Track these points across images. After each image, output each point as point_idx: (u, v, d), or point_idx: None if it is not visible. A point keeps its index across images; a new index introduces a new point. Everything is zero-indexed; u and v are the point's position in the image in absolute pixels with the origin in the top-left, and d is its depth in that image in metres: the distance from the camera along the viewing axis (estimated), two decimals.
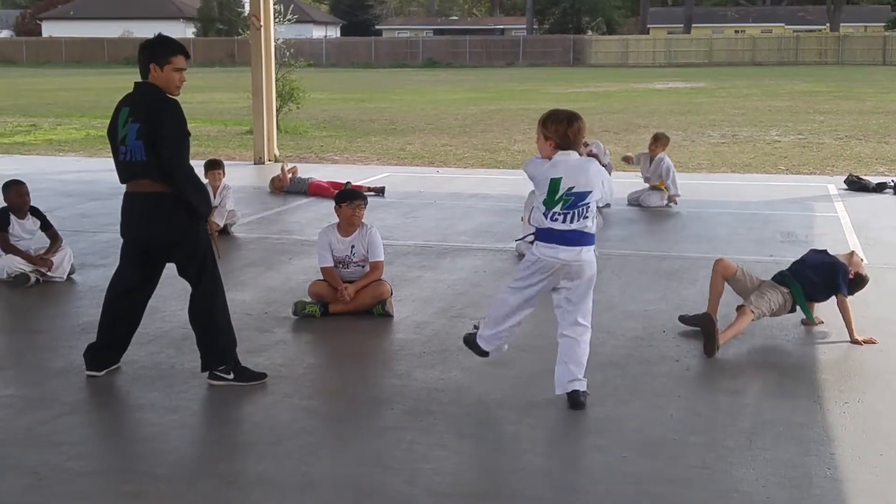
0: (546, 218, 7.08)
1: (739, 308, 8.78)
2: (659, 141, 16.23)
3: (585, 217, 7.11)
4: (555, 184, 6.98)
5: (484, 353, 7.71)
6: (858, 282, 9.21)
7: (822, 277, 8.97)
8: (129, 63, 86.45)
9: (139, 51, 7.54)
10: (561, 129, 7.00)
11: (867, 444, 6.55)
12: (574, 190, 7.00)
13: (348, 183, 16.71)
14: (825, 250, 9.47)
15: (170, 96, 7.43)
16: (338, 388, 7.79)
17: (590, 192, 7.05)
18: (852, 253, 9.51)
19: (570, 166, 7.01)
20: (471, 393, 7.57)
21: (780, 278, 8.99)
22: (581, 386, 7.27)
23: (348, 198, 9.83)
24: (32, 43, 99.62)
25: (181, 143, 7.34)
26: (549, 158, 7.05)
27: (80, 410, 7.21)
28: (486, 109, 37.61)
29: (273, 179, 17.72)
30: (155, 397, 7.47)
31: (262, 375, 7.79)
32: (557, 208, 7.03)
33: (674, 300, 10.19)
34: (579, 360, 7.31)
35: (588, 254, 7.29)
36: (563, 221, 7.06)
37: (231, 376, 7.67)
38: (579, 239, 7.16)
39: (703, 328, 8.47)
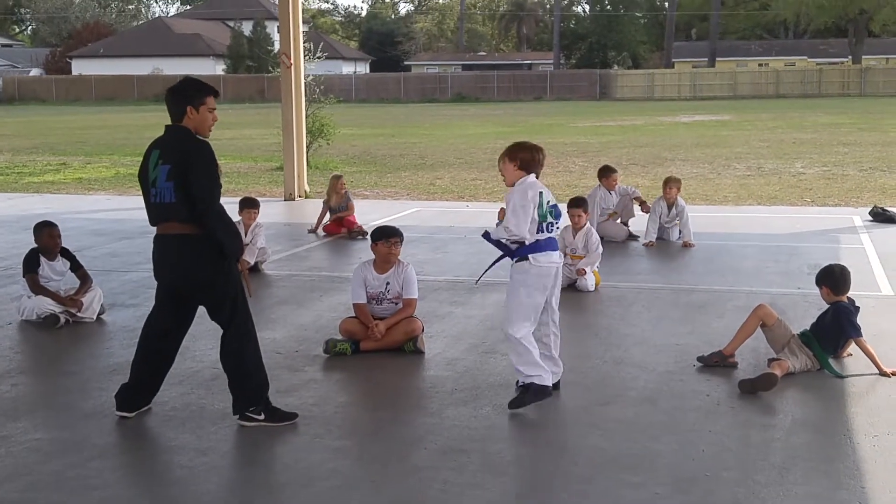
0: (542, 230, 7.84)
1: (775, 361, 8.75)
2: (674, 184, 16.05)
3: (558, 226, 8.08)
4: (541, 197, 7.81)
5: (549, 390, 7.95)
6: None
7: (832, 327, 8.98)
8: (159, 100, 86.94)
9: (170, 94, 7.61)
10: (527, 156, 7.89)
11: None
12: (552, 203, 7.91)
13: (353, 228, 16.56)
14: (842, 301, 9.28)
15: (200, 138, 7.51)
16: (369, 427, 7.81)
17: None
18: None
19: (540, 185, 7.91)
20: (503, 430, 7.58)
21: (805, 339, 8.97)
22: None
23: (384, 235, 9.82)
24: (62, 81, 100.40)
25: (213, 184, 7.41)
26: (512, 184, 7.91)
27: (110, 453, 7.22)
28: None
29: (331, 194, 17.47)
30: (185, 439, 7.50)
31: (293, 416, 7.80)
32: (550, 217, 7.87)
33: (703, 333, 10.19)
34: (558, 346, 8.27)
35: None
36: (551, 231, 7.91)
37: (262, 417, 7.68)
38: (557, 244, 8.08)
39: (763, 389, 8.37)
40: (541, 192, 7.79)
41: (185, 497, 6.52)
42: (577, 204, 12.94)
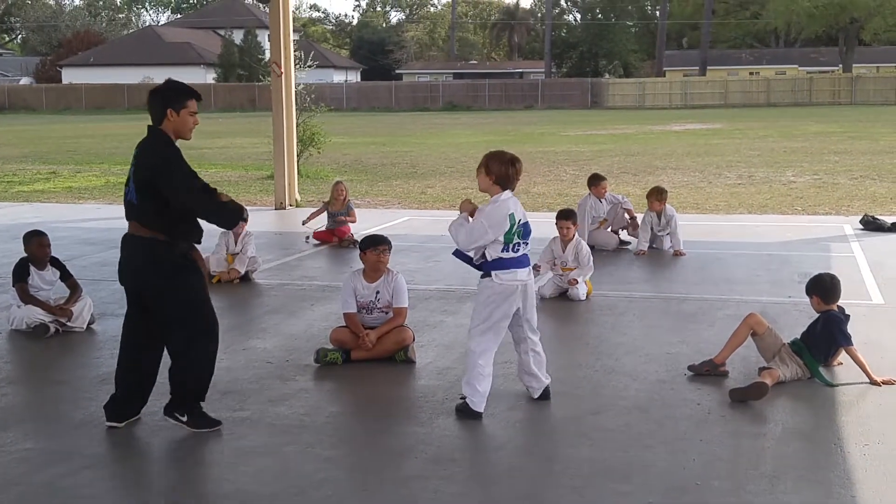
0: (508, 250, 7.87)
1: (765, 370, 8.75)
2: (656, 196, 15.90)
3: (527, 243, 8.02)
4: (512, 218, 7.82)
5: (479, 415, 7.98)
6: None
7: (822, 335, 9.00)
8: None
9: (151, 95, 7.63)
10: (503, 171, 7.82)
11: (888, 487, 6.55)
12: (522, 221, 7.90)
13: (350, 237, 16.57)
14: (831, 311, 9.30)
15: (167, 143, 7.51)
16: (361, 436, 7.82)
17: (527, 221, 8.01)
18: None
19: (513, 202, 7.91)
20: (494, 440, 7.59)
21: (795, 348, 8.98)
22: (548, 380, 8.39)
23: (373, 244, 9.82)
24: (52, 90, 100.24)
25: (188, 181, 7.45)
26: (485, 191, 7.91)
27: (101, 463, 7.20)
28: None
29: (332, 201, 17.43)
30: (175, 449, 7.50)
31: (217, 423, 7.82)
32: (516, 238, 7.88)
33: (694, 342, 10.20)
34: (543, 363, 8.36)
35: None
36: (517, 251, 7.91)
37: (185, 419, 7.73)
38: (528, 260, 8.05)
39: (754, 398, 8.37)
40: (511, 214, 7.81)
41: None
42: (565, 216, 12.89)
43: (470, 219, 7.91)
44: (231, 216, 7.85)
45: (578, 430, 7.73)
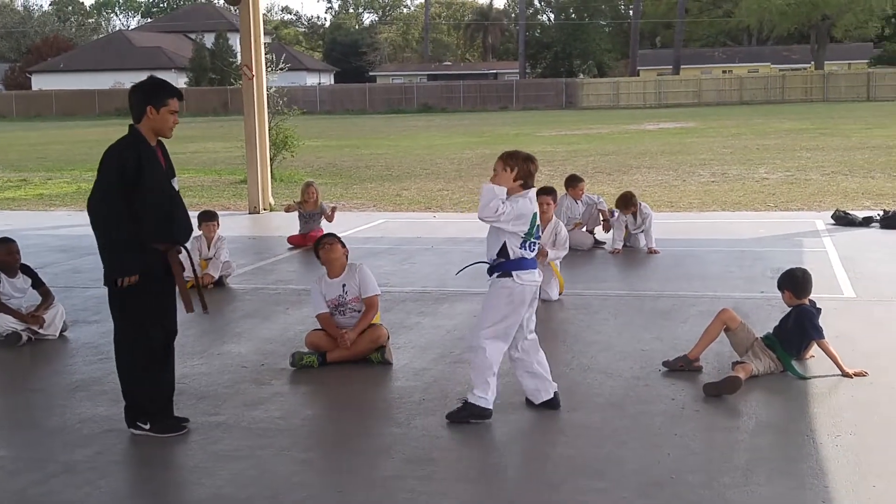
0: (524, 248, 7.70)
1: (739, 365, 8.78)
2: (623, 202, 15.81)
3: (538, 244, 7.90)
4: (534, 217, 7.69)
5: (489, 414, 7.82)
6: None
7: (794, 329, 9.05)
8: (121, 114, 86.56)
9: (132, 91, 7.65)
10: (527, 168, 7.66)
11: (860, 478, 6.59)
12: (537, 222, 7.76)
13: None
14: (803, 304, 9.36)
15: (125, 142, 7.50)
16: (337, 438, 7.82)
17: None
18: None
19: (533, 202, 7.73)
20: (471, 439, 7.58)
21: (768, 342, 9.02)
22: (555, 387, 8.16)
23: (319, 242, 10.01)
24: (22, 97, 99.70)
25: (104, 185, 7.40)
26: (509, 191, 7.61)
27: (74, 470, 7.16)
28: (482, 154, 37.65)
29: (303, 202, 17.48)
30: (149, 454, 7.49)
31: (182, 427, 7.83)
32: (533, 238, 7.73)
33: (668, 339, 10.24)
34: (547, 368, 8.16)
35: None
36: (532, 250, 7.76)
37: (147, 427, 7.74)
38: (536, 262, 7.88)
39: (728, 392, 8.39)
40: (535, 213, 7.69)
41: None
42: (546, 192, 12.83)
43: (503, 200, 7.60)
44: (105, 230, 7.49)
45: (554, 427, 7.76)
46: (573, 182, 16.41)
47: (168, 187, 7.64)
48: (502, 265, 7.71)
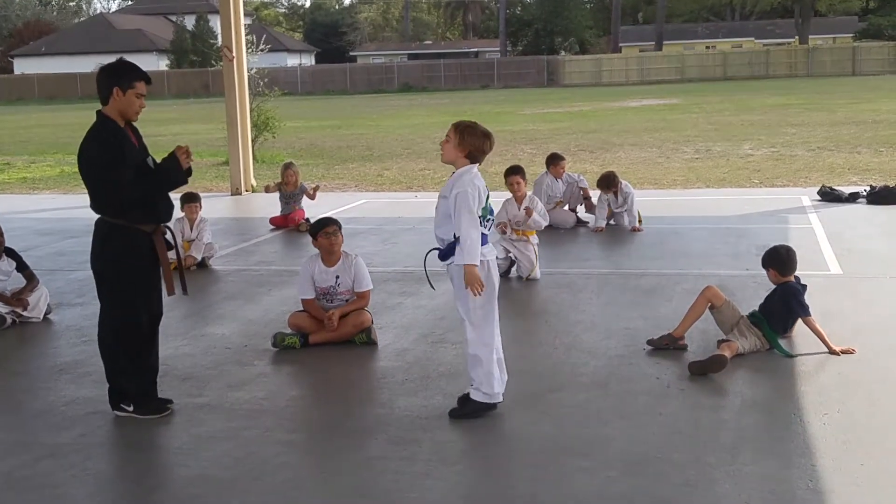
0: (481, 226, 7.33)
1: (724, 343, 8.75)
2: (609, 182, 15.75)
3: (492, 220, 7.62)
4: (484, 194, 7.41)
5: (496, 406, 7.61)
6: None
7: (780, 307, 9.03)
8: None
9: (100, 73, 7.59)
10: (478, 144, 7.39)
11: (847, 455, 6.57)
12: (489, 199, 7.48)
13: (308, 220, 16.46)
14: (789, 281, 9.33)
15: (95, 130, 7.49)
16: (320, 419, 7.79)
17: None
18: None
19: (481, 180, 7.43)
20: (455, 420, 7.54)
21: (754, 319, 9.01)
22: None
23: (321, 227, 9.81)
24: (4, 81, 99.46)
25: (102, 179, 7.41)
26: (453, 163, 7.46)
27: (60, 453, 7.14)
28: None
29: (283, 184, 17.34)
30: (134, 436, 7.47)
31: (166, 408, 7.83)
32: (488, 214, 7.44)
33: (653, 317, 10.22)
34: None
35: None
36: (486, 227, 7.43)
37: (131, 408, 7.74)
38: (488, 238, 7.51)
39: (713, 371, 8.36)
40: (486, 187, 7.45)
41: (135, 494, 6.49)
42: (513, 171, 12.70)
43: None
44: (173, 180, 7.67)
45: (538, 407, 7.72)
46: (554, 160, 16.35)
47: (145, 167, 7.60)
48: (455, 247, 7.34)
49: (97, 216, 7.59)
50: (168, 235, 7.87)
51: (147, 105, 7.76)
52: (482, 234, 7.32)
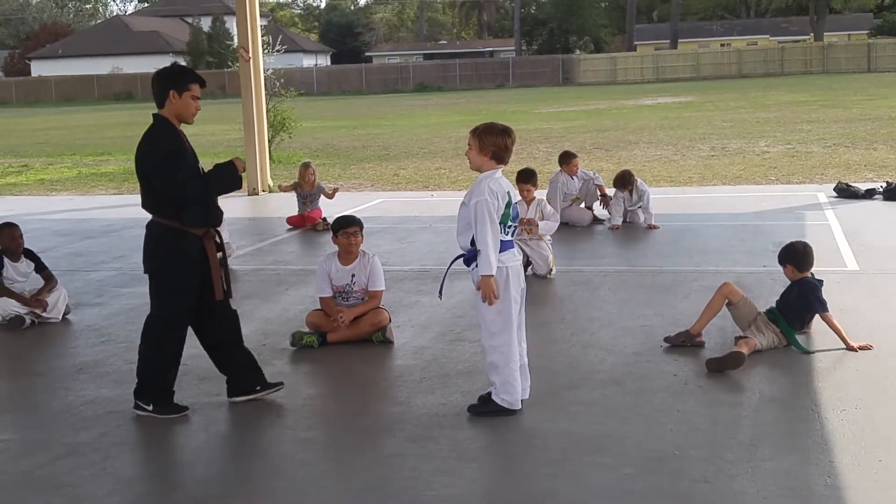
0: (503, 232, 7.26)
1: (741, 339, 8.76)
2: (624, 181, 15.84)
3: (516, 226, 7.56)
4: (508, 198, 7.27)
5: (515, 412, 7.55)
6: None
7: (797, 303, 9.01)
8: (120, 99, 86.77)
9: (156, 77, 7.72)
10: (499, 143, 7.27)
11: (866, 452, 6.57)
12: (513, 202, 7.36)
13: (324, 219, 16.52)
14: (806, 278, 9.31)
15: (155, 131, 7.62)
16: (338, 417, 7.81)
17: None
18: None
19: (506, 183, 7.38)
20: (472, 417, 7.55)
21: (771, 316, 8.99)
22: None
23: (342, 226, 9.82)
24: (22, 83, 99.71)
25: (173, 180, 7.50)
26: (479, 169, 7.33)
27: (79, 452, 7.16)
28: None
29: (300, 183, 17.38)
30: (153, 436, 7.50)
31: (184, 409, 7.85)
32: (509, 221, 7.32)
33: (670, 314, 10.21)
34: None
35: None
36: (509, 234, 7.35)
37: (150, 407, 7.76)
38: (512, 244, 7.44)
39: (731, 367, 8.36)
40: (508, 193, 7.30)
41: (155, 493, 6.51)
42: (525, 179, 12.64)
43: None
44: (228, 184, 7.91)
45: (555, 404, 7.72)
46: (567, 158, 16.34)
47: (198, 170, 7.75)
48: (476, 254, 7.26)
49: (149, 218, 7.68)
50: (217, 239, 7.94)
51: None
52: (503, 240, 7.26)
